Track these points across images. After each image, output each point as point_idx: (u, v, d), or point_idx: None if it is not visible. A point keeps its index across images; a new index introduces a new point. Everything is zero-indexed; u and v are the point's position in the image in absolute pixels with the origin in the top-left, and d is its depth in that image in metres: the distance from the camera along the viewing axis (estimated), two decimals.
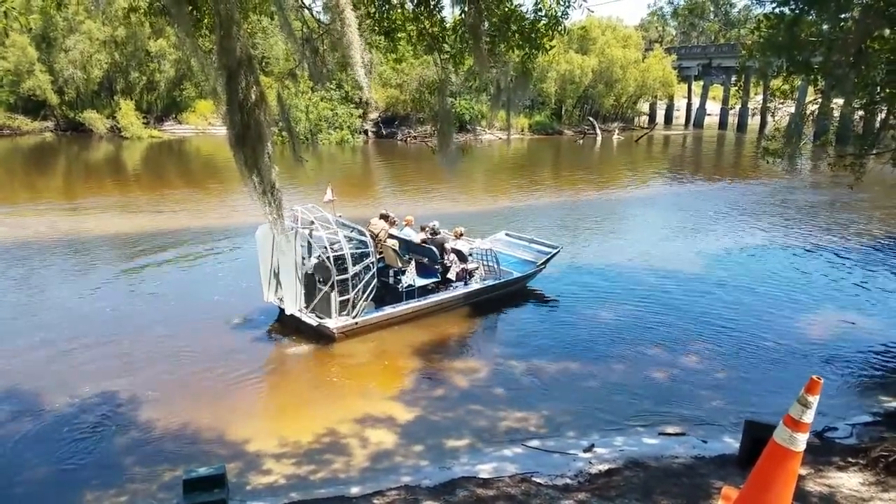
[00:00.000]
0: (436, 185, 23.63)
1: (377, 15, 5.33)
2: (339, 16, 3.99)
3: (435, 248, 10.98)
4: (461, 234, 11.79)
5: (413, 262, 10.97)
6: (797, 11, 7.15)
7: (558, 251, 12.67)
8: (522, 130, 44.65)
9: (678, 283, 12.91)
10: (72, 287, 12.04)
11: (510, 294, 11.95)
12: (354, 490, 6.10)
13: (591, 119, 48.05)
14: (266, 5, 6.02)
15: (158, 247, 14.77)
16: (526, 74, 5.68)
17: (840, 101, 8.41)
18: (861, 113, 8.52)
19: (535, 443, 7.11)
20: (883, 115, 8.19)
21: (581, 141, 44.04)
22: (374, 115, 41.70)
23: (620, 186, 27.39)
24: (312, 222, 9.82)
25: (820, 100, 8.30)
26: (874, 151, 8.43)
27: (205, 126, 39.55)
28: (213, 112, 37.89)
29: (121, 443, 7.00)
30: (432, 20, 5.32)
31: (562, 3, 4.99)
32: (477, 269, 11.62)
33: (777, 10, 7.34)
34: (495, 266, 11.68)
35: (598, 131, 46.46)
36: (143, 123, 37.55)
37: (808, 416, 3.33)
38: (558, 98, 46.43)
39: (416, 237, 11.38)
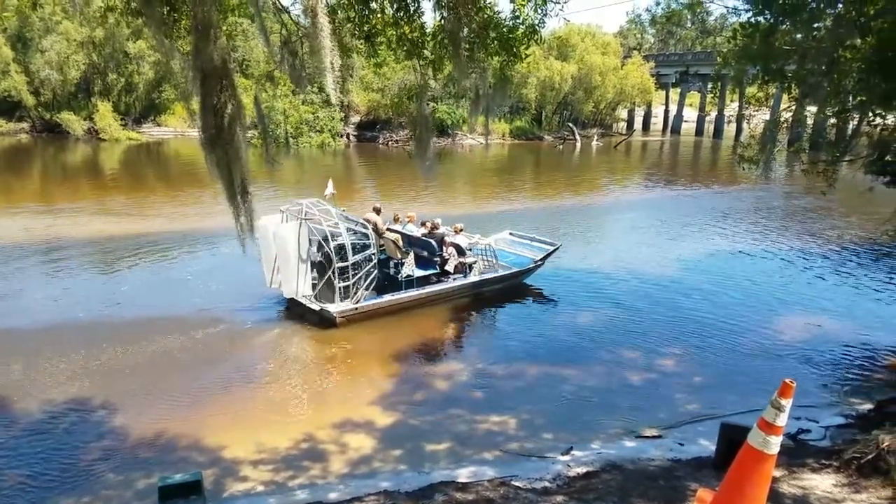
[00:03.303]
0: (416, 188, 23.62)
1: (357, 19, 5.32)
2: (312, 20, 3.99)
3: (434, 242, 11.60)
4: (460, 230, 12.34)
5: (412, 254, 11.50)
6: (772, 21, 7.28)
7: (557, 248, 13.19)
8: (503, 136, 44.88)
9: (655, 286, 13.04)
10: (46, 291, 11.84)
11: (498, 294, 12.26)
12: (332, 496, 6.06)
13: (570, 125, 48.38)
14: (245, 7, 5.99)
15: (135, 250, 14.59)
16: (504, 81, 5.72)
17: (814, 108, 8.55)
18: (834, 120, 8.66)
19: (513, 446, 7.13)
20: (855, 123, 8.33)
21: (561, 147, 44.33)
22: (355, 119, 41.66)
23: (599, 192, 27.63)
24: (312, 213, 10.47)
25: (794, 107, 8.45)
26: (846, 158, 8.57)
27: (184, 128, 39.20)
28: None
29: (94, 450, 6.89)
30: (412, 26, 5.33)
31: (539, 11, 5.03)
32: (475, 262, 12.09)
33: (752, 20, 7.46)
34: (493, 261, 12.31)
35: (578, 137, 46.80)
36: (121, 125, 37.15)
37: (782, 420, 3.37)
38: (538, 104, 46.75)
39: (417, 231, 12.03)
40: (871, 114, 7.73)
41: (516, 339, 10.54)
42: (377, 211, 12.01)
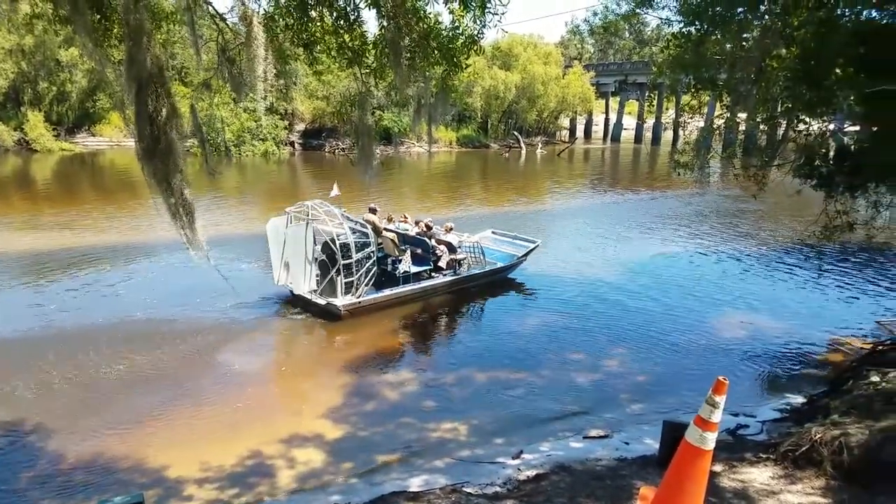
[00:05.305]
0: (363, 197, 23.46)
1: (296, 26, 5.26)
2: (247, 28, 3.94)
3: (428, 240, 12.44)
4: (451, 229, 13.24)
5: (408, 252, 12.33)
6: (702, 31, 7.56)
7: (537, 246, 14.09)
8: (451, 143, 45.19)
9: (598, 289, 13.35)
10: None
11: (457, 296, 12.74)
12: None
13: (515, 133, 49.10)
14: (179, 15, 5.85)
15: (69, 265, 14.01)
16: (446, 90, 5.76)
17: (744, 115, 8.89)
18: (763, 127, 9.03)
19: (465, 452, 7.14)
20: (783, 129, 8.70)
21: (507, 154, 44.88)
22: (300, 127, 41.20)
23: (545, 198, 28.09)
24: (316, 214, 11.10)
25: (726, 114, 8.78)
26: (776, 163, 8.94)
27: (120, 138, 37.96)
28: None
29: (27, 475, 6.57)
30: (352, 34, 5.32)
31: (478, 22, 5.09)
32: (464, 259, 12.97)
33: (684, 30, 7.73)
34: (481, 257, 13.25)
35: (523, 145, 47.52)
36: (54, 135, 35.73)
37: (717, 416, 3.49)
38: (484, 112, 47.31)
39: (412, 230, 12.86)
40: (796, 120, 8.11)
41: (462, 346, 10.61)
42: (373, 211, 12.80)
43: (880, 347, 9.08)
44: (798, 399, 8.50)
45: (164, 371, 9.06)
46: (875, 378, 7.50)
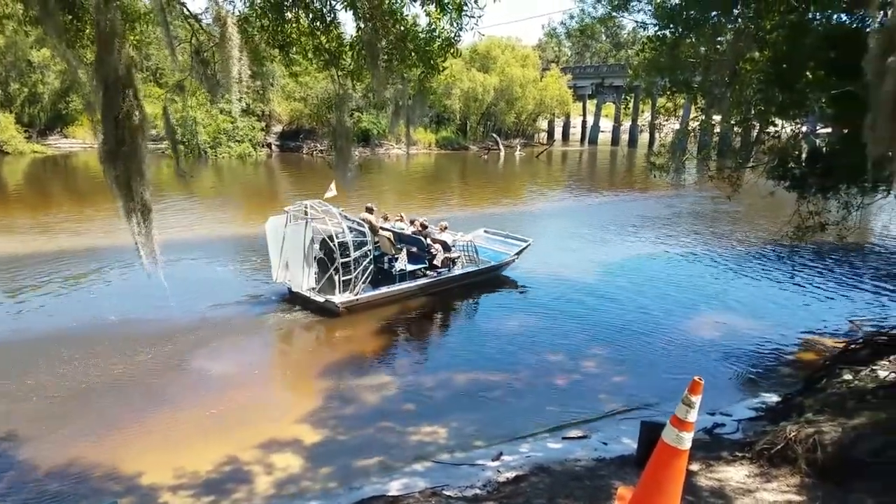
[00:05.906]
0: (342, 200, 23.34)
1: (271, 28, 5.23)
2: (222, 29, 3.89)
3: (423, 239, 12.75)
4: (445, 228, 13.57)
5: (404, 251, 12.65)
6: (677, 34, 7.64)
7: (529, 244, 14.34)
8: (430, 145, 45.21)
9: (577, 291, 13.41)
10: None
11: (474, 285, 13.23)
12: None
13: (494, 135, 49.28)
14: (153, 16, 5.77)
15: (42, 269, 13.74)
16: (423, 92, 5.76)
17: (719, 117, 8.99)
18: (737, 129, 9.14)
19: (444, 456, 7.12)
20: (756, 131, 8.81)
21: (486, 156, 45.01)
22: (277, 128, 40.93)
23: (524, 200, 28.19)
24: (315, 213, 11.36)
25: (701, 117, 8.87)
26: (749, 164, 9.05)
27: (93, 140, 37.27)
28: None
29: None
30: (329, 36, 5.29)
31: (454, 25, 5.10)
32: (459, 257, 13.28)
33: (659, 33, 7.80)
34: (475, 256, 13.51)
35: (501, 147, 47.72)
36: (26, 137, 35.10)
37: (692, 416, 3.51)
38: (463, 114, 47.40)
39: (408, 229, 13.17)
40: (769, 123, 8.22)
41: (449, 344, 10.67)
42: (370, 210, 13.13)
43: (853, 346, 9.22)
44: (773, 398, 8.60)
45: (139, 376, 8.92)
46: (848, 376, 7.63)
